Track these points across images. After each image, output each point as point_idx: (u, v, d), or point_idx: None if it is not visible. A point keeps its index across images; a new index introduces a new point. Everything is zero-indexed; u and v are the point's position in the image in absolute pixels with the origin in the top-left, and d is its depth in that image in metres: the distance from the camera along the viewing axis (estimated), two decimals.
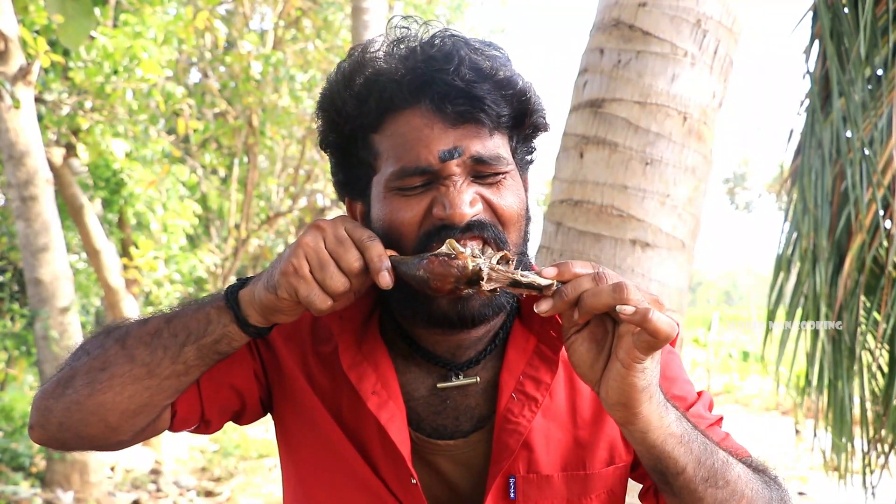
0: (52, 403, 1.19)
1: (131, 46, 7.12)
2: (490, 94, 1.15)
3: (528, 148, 1.29)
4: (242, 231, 11.19)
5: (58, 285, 6.29)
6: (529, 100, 1.21)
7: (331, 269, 1.06)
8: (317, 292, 1.07)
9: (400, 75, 1.16)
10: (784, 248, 4.11)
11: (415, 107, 1.16)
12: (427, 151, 1.14)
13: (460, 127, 1.15)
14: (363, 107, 1.19)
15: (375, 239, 1.09)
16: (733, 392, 15.99)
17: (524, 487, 1.23)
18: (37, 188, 6.14)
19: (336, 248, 1.07)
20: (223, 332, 1.14)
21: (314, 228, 1.09)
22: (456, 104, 1.14)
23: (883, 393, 4.01)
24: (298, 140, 11.74)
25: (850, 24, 3.74)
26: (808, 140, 3.93)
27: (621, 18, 2.86)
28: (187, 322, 1.15)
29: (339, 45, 10.72)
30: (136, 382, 1.15)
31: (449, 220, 1.13)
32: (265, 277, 1.11)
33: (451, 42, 1.17)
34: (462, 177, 1.15)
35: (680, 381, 1.33)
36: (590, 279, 1.04)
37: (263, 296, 1.10)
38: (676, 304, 2.81)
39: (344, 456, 1.26)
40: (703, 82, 2.83)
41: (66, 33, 3.77)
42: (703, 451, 1.12)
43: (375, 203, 1.21)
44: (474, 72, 1.15)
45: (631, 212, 2.74)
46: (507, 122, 1.19)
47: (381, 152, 1.19)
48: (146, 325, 1.17)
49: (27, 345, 8.12)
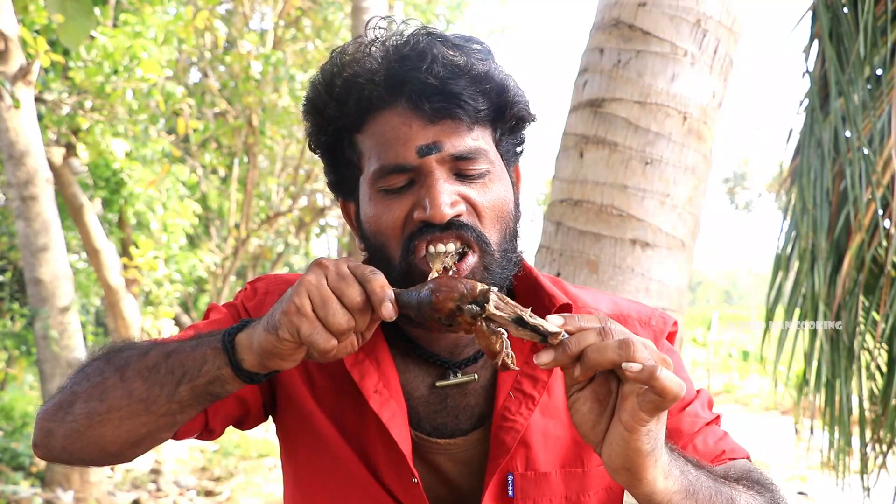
0: (53, 427, 1.19)
1: (131, 46, 7.12)
2: (466, 90, 1.16)
3: (514, 140, 1.29)
4: (242, 231, 11.19)
5: (58, 285, 6.30)
6: (509, 92, 1.22)
7: (333, 305, 1.02)
8: (319, 331, 1.02)
9: (376, 75, 1.18)
10: (783, 247, 4.11)
11: (393, 106, 1.18)
12: (405, 149, 1.16)
13: (438, 123, 1.16)
14: (344, 108, 1.21)
15: (378, 273, 1.05)
16: (733, 391, 16.01)
17: (522, 485, 1.24)
18: (37, 188, 6.14)
19: (338, 284, 1.03)
20: (216, 375, 1.11)
21: (316, 266, 1.06)
22: (432, 101, 1.15)
23: (881, 393, 4.02)
24: (298, 140, 11.73)
25: (850, 24, 3.75)
26: (808, 140, 3.93)
27: (621, 18, 2.86)
28: (184, 360, 1.12)
29: (339, 45, 10.71)
30: (133, 417, 1.14)
31: (430, 220, 1.14)
32: (266, 320, 1.07)
33: (426, 40, 1.18)
34: (443, 175, 1.16)
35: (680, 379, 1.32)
36: (595, 333, 0.98)
37: (263, 338, 1.06)
38: (676, 304, 2.82)
39: (341, 458, 1.27)
40: (703, 82, 2.83)
41: (67, 33, 3.77)
42: (709, 500, 1.09)
43: (363, 203, 1.23)
44: (449, 69, 1.16)
45: (631, 211, 2.74)
46: (487, 115, 1.20)
47: (364, 152, 1.21)
48: (146, 358, 1.15)
49: (27, 344, 8.12)
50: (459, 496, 1.28)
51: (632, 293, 2.71)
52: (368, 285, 1.04)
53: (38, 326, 6.26)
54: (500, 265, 1.20)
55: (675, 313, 2.80)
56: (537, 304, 1.28)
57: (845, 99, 3.74)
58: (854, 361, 3.88)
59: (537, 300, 1.29)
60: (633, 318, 1.37)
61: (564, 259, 2.78)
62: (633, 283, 2.72)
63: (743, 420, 12.12)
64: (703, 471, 1.12)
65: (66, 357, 6.29)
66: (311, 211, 12.47)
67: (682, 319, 2.88)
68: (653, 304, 2.73)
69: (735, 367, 18.42)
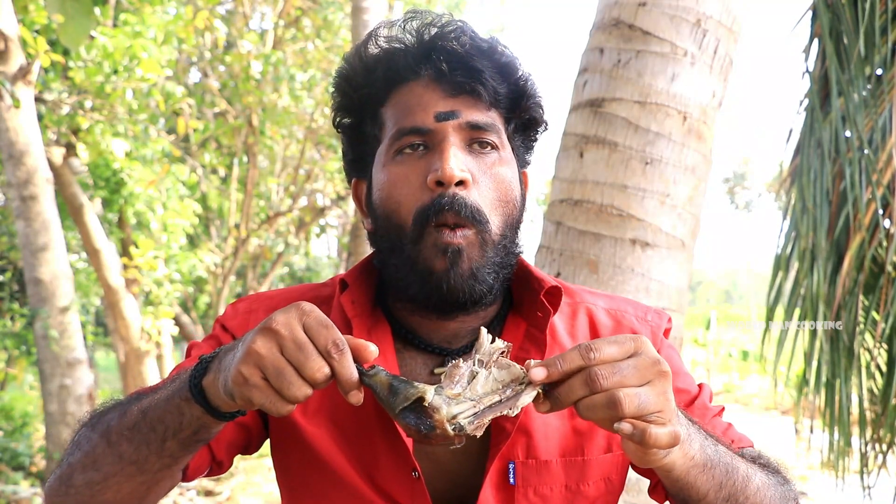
0: (60, 501, 1.19)
1: (131, 46, 7.12)
2: (489, 70, 1.21)
3: (525, 142, 1.32)
4: (242, 230, 11.18)
5: (58, 285, 6.30)
6: (526, 84, 1.27)
7: (288, 377, 0.95)
8: (274, 400, 0.96)
9: (406, 45, 1.24)
10: (783, 247, 4.12)
11: (418, 78, 1.23)
12: (424, 113, 1.20)
13: (458, 97, 1.21)
14: (371, 76, 1.25)
15: (344, 348, 0.97)
16: (733, 391, 16.03)
17: (523, 472, 1.24)
18: (37, 187, 6.15)
19: (296, 356, 0.95)
20: (200, 424, 1.07)
21: (266, 333, 0.96)
22: (455, 75, 1.20)
23: (881, 392, 4.02)
24: (298, 140, 11.73)
25: (850, 24, 3.75)
26: (808, 139, 3.94)
27: (621, 18, 2.86)
28: (161, 415, 1.08)
29: (339, 45, 10.71)
30: (130, 479, 1.13)
31: (440, 179, 1.16)
32: (222, 376, 1.00)
33: (459, 23, 1.25)
34: (457, 142, 1.19)
35: (682, 374, 1.35)
36: (582, 383, 0.95)
37: (224, 398, 1.01)
38: (676, 304, 2.82)
39: (337, 470, 1.25)
40: (703, 82, 2.83)
41: (66, 33, 3.77)
42: (726, 474, 1.12)
43: (376, 173, 1.25)
44: (475, 48, 1.22)
45: (631, 211, 2.74)
46: (504, 103, 1.25)
47: (385, 122, 1.25)
48: (125, 418, 1.13)
49: (27, 344, 8.11)
50: (459, 489, 1.27)
51: (632, 293, 2.71)
52: (335, 366, 0.96)
53: (38, 326, 6.26)
54: (495, 248, 1.21)
55: (675, 313, 2.80)
56: (526, 288, 1.30)
57: (845, 98, 3.74)
58: (854, 361, 3.89)
59: (525, 284, 1.31)
60: (630, 313, 1.38)
61: (564, 259, 2.78)
62: (633, 282, 2.72)
63: (743, 420, 12.12)
64: (722, 446, 1.14)
65: (65, 357, 6.29)
66: (311, 211, 12.46)
67: (682, 319, 2.88)
68: (653, 304, 2.73)
69: (735, 366, 18.44)
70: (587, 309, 1.37)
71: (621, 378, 0.95)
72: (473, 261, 1.17)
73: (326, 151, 11.87)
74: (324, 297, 1.36)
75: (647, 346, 0.99)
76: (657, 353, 1.00)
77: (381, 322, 1.29)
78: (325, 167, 11.66)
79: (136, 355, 8.58)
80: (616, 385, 0.95)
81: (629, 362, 0.96)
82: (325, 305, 1.35)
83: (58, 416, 6.26)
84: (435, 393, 0.98)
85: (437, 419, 0.97)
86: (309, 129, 11.09)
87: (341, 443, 1.26)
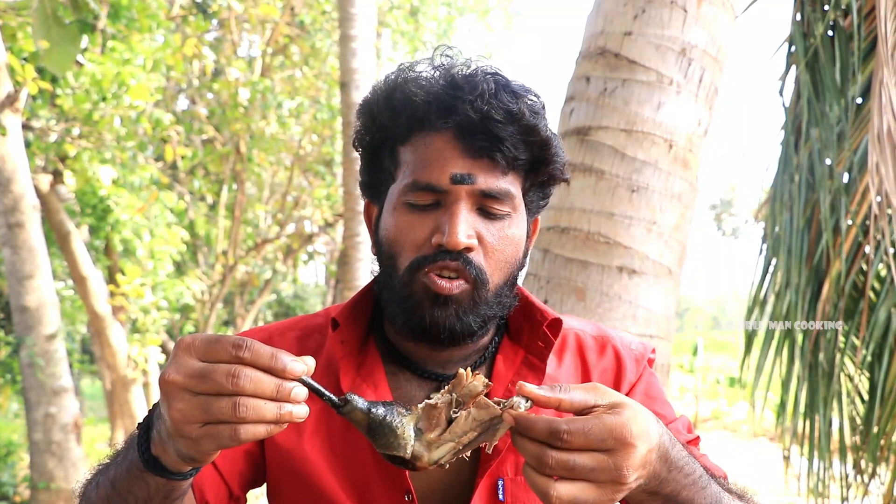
0: None
1: (119, 73, 7.13)
2: (512, 137, 1.20)
3: (541, 194, 1.33)
4: (230, 257, 11.16)
5: (44, 312, 6.26)
6: (550, 150, 1.26)
7: (218, 408, 0.88)
8: (229, 433, 0.90)
9: (432, 98, 1.22)
10: (762, 274, 4.16)
11: (442, 131, 1.21)
12: (441, 172, 1.19)
13: (477, 159, 1.20)
14: (396, 119, 1.25)
15: (248, 344, 0.90)
16: (721, 418, 16.01)
17: (513, 489, 1.26)
18: (23, 215, 6.13)
19: (207, 385, 0.89)
20: (168, 489, 1.04)
21: (169, 389, 0.91)
22: (477, 139, 1.19)
23: (863, 419, 4.03)
24: (286, 166, 11.75)
25: (825, 54, 3.78)
26: (782, 169, 3.98)
27: (607, 47, 2.90)
28: (129, 487, 1.05)
29: (327, 72, 10.76)
30: None
31: (445, 246, 1.17)
32: (171, 447, 0.95)
33: (487, 79, 1.21)
34: (467, 207, 1.20)
35: (660, 401, 1.38)
36: (533, 455, 0.95)
37: (184, 463, 0.98)
38: (664, 331, 2.83)
39: (322, 486, 1.26)
40: (689, 110, 2.86)
41: (52, 59, 3.78)
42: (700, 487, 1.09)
43: (387, 210, 1.26)
44: (501, 111, 1.19)
45: (618, 239, 2.76)
46: (524, 165, 1.24)
47: (402, 163, 1.25)
48: (99, 491, 1.11)
49: (12, 372, 8.05)
50: None
51: (619, 320, 2.72)
52: (245, 370, 0.89)
53: (24, 354, 6.21)
54: (488, 304, 1.23)
55: (663, 340, 2.82)
56: (527, 319, 1.33)
57: (820, 129, 3.77)
58: (831, 388, 3.91)
59: (528, 316, 1.34)
60: (616, 341, 1.41)
61: (552, 286, 2.79)
62: (620, 310, 2.74)
63: (731, 446, 12.10)
64: (698, 462, 1.13)
65: (51, 385, 6.24)
66: (299, 238, 12.46)
67: (669, 346, 2.89)
68: (640, 331, 2.75)
69: (723, 393, 18.43)
70: (575, 335, 1.40)
71: (567, 472, 0.94)
72: (461, 308, 1.20)
73: (314, 178, 11.90)
74: (315, 325, 1.39)
75: (624, 415, 0.95)
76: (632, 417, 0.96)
77: (370, 356, 1.31)
78: (313, 194, 11.68)
79: (123, 383, 8.52)
80: (558, 474, 0.94)
81: (586, 456, 0.94)
82: (318, 333, 1.38)
83: (43, 444, 6.20)
84: (415, 439, 1.00)
85: (419, 465, 1.00)
86: (297, 156, 11.11)
87: (334, 465, 1.27)
